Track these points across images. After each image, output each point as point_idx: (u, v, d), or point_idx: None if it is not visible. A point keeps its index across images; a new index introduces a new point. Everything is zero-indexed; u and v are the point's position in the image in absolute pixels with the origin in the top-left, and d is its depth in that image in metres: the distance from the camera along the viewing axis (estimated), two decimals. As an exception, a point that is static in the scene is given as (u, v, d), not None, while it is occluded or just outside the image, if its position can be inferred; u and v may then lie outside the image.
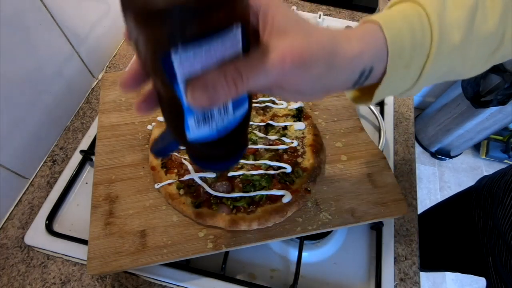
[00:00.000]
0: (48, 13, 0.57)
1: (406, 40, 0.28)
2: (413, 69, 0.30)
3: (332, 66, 0.27)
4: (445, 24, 0.29)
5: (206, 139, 0.27)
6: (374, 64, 0.29)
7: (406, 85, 0.31)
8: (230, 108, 0.26)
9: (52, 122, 0.65)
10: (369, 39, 0.28)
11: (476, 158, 1.95)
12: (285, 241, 0.54)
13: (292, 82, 0.26)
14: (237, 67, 0.23)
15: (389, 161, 0.58)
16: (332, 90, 0.30)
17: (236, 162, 0.35)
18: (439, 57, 0.29)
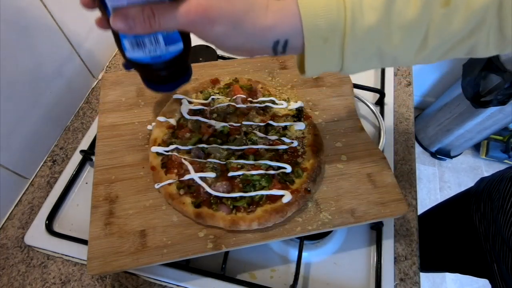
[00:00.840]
0: (48, 13, 0.57)
1: (320, 16, 0.31)
2: (333, 44, 0.32)
3: (238, 28, 0.31)
4: (361, 6, 0.31)
5: (142, 61, 0.36)
6: (289, 37, 0.32)
7: (333, 60, 0.34)
8: (161, 41, 0.34)
9: (52, 122, 0.65)
10: (284, 14, 0.32)
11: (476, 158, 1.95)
12: (285, 241, 0.54)
13: (200, 32, 0.31)
14: (153, 8, 0.30)
15: (389, 161, 0.58)
16: (252, 51, 0.34)
17: (175, 87, 0.43)
18: (356, 35, 0.32)
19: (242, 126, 0.56)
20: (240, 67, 0.67)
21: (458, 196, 0.82)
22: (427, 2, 0.31)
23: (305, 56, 0.34)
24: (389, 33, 0.32)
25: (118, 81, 0.63)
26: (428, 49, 0.34)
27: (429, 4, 0.31)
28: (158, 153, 0.53)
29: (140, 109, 0.60)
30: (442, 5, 0.31)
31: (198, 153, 0.53)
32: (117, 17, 0.30)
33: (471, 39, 0.33)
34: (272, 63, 0.68)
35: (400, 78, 0.80)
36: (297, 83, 0.65)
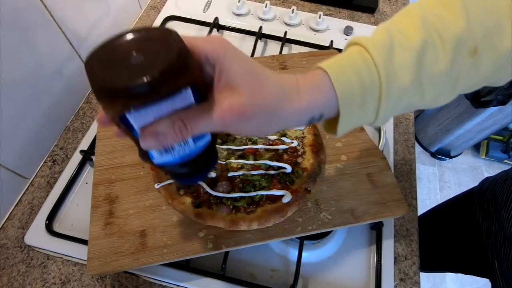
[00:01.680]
0: (48, 13, 0.57)
1: (354, 85, 0.31)
2: (369, 107, 0.32)
3: (274, 118, 0.30)
4: (393, 66, 0.31)
5: (171, 164, 0.33)
6: (323, 111, 0.32)
7: (368, 119, 0.34)
8: (190, 141, 0.31)
9: (52, 122, 0.65)
10: (317, 90, 0.31)
11: (476, 158, 1.95)
12: (285, 241, 0.54)
13: (236, 130, 0.30)
14: (183, 119, 0.28)
15: (389, 161, 0.58)
16: (284, 129, 0.35)
17: (206, 176, 0.41)
18: (391, 97, 0.31)
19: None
20: (240, 67, 0.66)
21: (461, 195, 0.82)
22: (455, 54, 0.31)
23: (339, 122, 0.33)
24: (421, 89, 0.32)
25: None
26: (457, 93, 0.34)
27: (457, 56, 0.31)
28: (158, 153, 0.53)
29: (140, 109, 0.59)
30: (470, 55, 0.31)
31: (198, 153, 0.53)
32: (148, 137, 0.28)
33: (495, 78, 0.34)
34: (272, 63, 0.68)
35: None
36: (297, 83, 0.65)
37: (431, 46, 0.31)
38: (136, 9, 0.84)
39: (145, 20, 0.84)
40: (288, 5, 0.88)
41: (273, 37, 0.79)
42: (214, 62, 0.28)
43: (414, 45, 0.31)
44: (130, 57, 0.24)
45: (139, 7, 0.85)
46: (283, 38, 0.77)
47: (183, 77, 0.25)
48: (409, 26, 0.32)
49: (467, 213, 0.75)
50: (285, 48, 0.78)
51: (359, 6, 0.89)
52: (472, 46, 0.31)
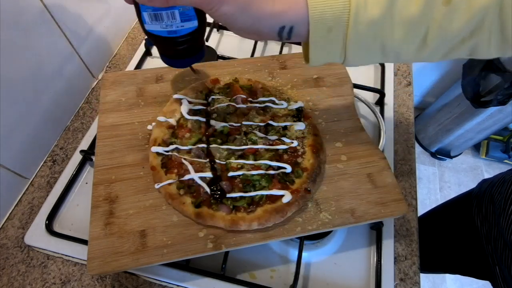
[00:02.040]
0: (48, 13, 0.57)
1: (327, 6, 0.33)
2: (336, 34, 0.34)
3: (245, 11, 0.34)
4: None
5: (159, 34, 0.42)
6: (294, 24, 0.35)
7: (337, 50, 0.36)
8: (177, 17, 0.39)
9: (52, 122, 0.65)
10: (292, 2, 0.34)
11: (476, 158, 1.95)
12: (285, 241, 0.54)
13: (210, 10, 0.34)
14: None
15: (389, 161, 0.58)
16: (259, 34, 0.37)
17: (189, 64, 0.50)
18: (358, 27, 0.34)
19: (242, 126, 0.56)
20: (240, 67, 0.67)
21: (459, 197, 0.82)
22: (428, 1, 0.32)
23: (309, 45, 0.35)
24: (392, 28, 0.33)
25: (118, 81, 0.63)
26: (430, 47, 0.35)
27: (431, 1, 0.32)
28: (158, 153, 0.53)
29: (140, 109, 0.60)
30: (443, 3, 0.32)
31: (198, 153, 0.53)
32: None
33: (472, 39, 0.34)
34: (272, 63, 0.68)
35: (400, 78, 0.80)
36: (297, 83, 0.65)
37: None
38: (136, 9, 0.84)
39: (145, 20, 0.84)
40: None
41: (273, 37, 0.79)
42: None
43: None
44: None
45: (139, 7, 0.85)
46: (283, 38, 0.77)
47: None
48: None
49: (465, 216, 0.75)
50: (285, 48, 0.78)
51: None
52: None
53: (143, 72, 0.65)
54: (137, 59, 0.74)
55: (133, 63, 0.74)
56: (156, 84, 0.63)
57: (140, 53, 0.75)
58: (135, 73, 0.64)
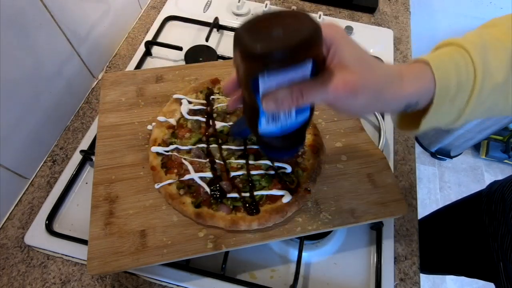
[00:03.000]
0: (48, 13, 0.57)
1: (452, 78, 0.34)
2: (458, 103, 0.35)
3: (379, 98, 0.34)
4: (489, 64, 0.33)
5: (272, 134, 0.38)
6: (420, 99, 0.35)
7: (451, 117, 0.36)
8: (293, 114, 0.36)
9: (52, 122, 0.65)
10: (419, 79, 0.34)
11: (476, 158, 1.94)
12: (285, 241, 0.54)
13: (343, 103, 0.34)
14: (301, 88, 0.32)
15: (389, 161, 0.58)
16: (383, 111, 0.39)
17: (294, 153, 0.49)
18: (481, 94, 0.34)
19: (242, 126, 0.56)
20: (240, 67, 0.66)
21: (468, 198, 0.82)
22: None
23: (427, 115, 0.35)
24: (509, 89, 0.34)
25: (118, 81, 0.63)
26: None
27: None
28: (158, 153, 0.53)
29: (140, 109, 0.59)
30: None
31: (198, 153, 0.53)
32: (269, 100, 0.32)
33: None
34: (272, 63, 0.68)
35: (400, 78, 0.80)
36: (297, 83, 0.65)
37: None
38: (136, 9, 0.84)
39: (145, 20, 0.84)
40: (288, 5, 0.89)
41: (273, 37, 0.79)
42: (330, 43, 0.32)
43: (508, 46, 0.34)
44: (272, 31, 0.29)
45: (139, 7, 0.85)
46: (283, 38, 0.77)
47: (312, 50, 0.30)
48: (498, 32, 0.35)
49: (473, 216, 0.74)
50: (285, 48, 0.78)
51: (359, 6, 0.89)
52: None
53: (143, 72, 0.65)
54: (137, 59, 0.74)
55: (133, 63, 0.74)
56: (156, 84, 0.63)
57: (140, 53, 0.75)
58: (135, 73, 0.64)
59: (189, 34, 0.81)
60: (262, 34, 0.30)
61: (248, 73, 0.32)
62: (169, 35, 0.81)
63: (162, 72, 0.65)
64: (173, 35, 0.81)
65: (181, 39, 0.78)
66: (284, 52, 0.28)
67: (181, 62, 0.75)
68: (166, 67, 0.66)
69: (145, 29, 0.82)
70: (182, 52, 0.74)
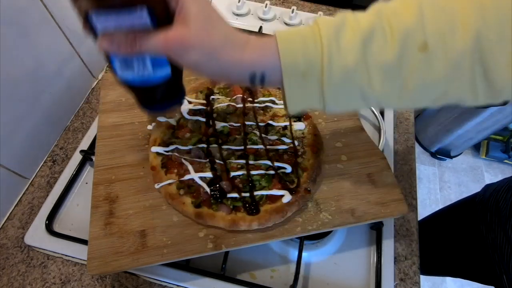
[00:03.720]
0: (48, 13, 0.57)
1: (298, 52, 0.33)
2: (311, 80, 0.33)
3: (213, 59, 0.33)
4: (338, 45, 0.32)
5: (132, 83, 0.39)
6: (265, 71, 0.34)
7: (314, 96, 0.34)
8: (148, 65, 0.36)
9: (52, 122, 0.65)
10: (262, 49, 0.34)
11: (476, 158, 1.95)
12: (285, 241, 0.54)
13: (176, 58, 0.34)
14: (136, 36, 0.32)
15: (389, 161, 0.58)
16: (229, 80, 0.36)
17: (166, 108, 0.46)
18: (333, 74, 0.32)
19: (242, 126, 0.56)
20: (240, 67, 0.66)
21: (463, 201, 0.80)
22: (403, 45, 0.31)
23: (284, 91, 0.35)
24: (368, 75, 0.32)
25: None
26: (411, 95, 0.34)
27: (405, 48, 0.31)
28: (158, 153, 0.53)
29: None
30: (419, 50, 0.31)
31: (198, 153, 0.53)
32: (104, 39, 0.33)
33: (455, 87, 0.32)
34: (272, 63, 0.68)
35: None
36: (297, 83, 0.65)
37: (379, 33, 0.32)
38: (136, 9, 0.84)
39: (145, 20, 0.84)
40: (288, 5, 0.89)
41: (273, 37, 0.79)
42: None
43: (362, 28, 0.32)
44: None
45: (139, 7, 0.85)
46: (283, 38, 0.77)
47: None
48: (363, 15, 0.34)
49: (470, 221, 0.73)
50: (285, 48, 0.78)
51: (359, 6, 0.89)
52: (421, 40, 0.31)
53: (143, 72, 0.65)
54: (137, 59, 0.74)
55: (133, 63, 0.74)
56: (156, 84, 0.63)
57: (140, 53, 0.75)
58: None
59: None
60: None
61: (79, 8, 0.32)
62: (169, 35, 0.81)
63: (162, 72, 0.64)
64: (173, 35, 0.81)
65: (181, 39, 0.78)
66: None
67: (181, 62, 0.75)
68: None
69: (145, 29, 0.82)
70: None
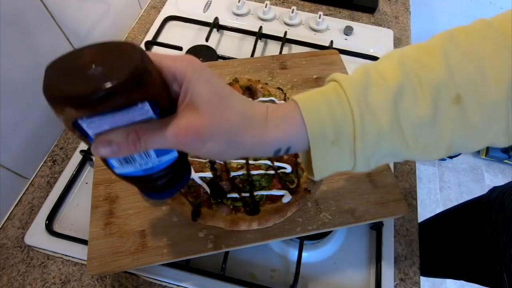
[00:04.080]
0: (48, 13, 0.57)
1: (326, 119, 0.30)
2: (344, 146, 0.31)
3: (233, 144, 0.29)
4: (368, 106, 0.30)
5: (134, 175, 0.32)
6: (291, 143, 0.31)
7: (346, 161, 0.32)
8: (152, 155, 0.30)
9: (52, 122, 0.65)
10: (286, 122, 0.31)
11: (476, 158, 1.95)
12: (285, 241, 0.54)
13: (190, 150, 0.29)
14: (138, 132, 0.26)
15: (389, 161, 0.58)
16: (249, 156, 0.33)
17: (173, 193, 0.38)
18: (367, 137, 0.30)
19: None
20: (240, 67, 0.67)
21: (467, 203, 0.80)
22: (436, 100, 0.30)
23: (312, 159, 0.32)
24: (402, 134, 0.30)
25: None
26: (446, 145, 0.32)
27: (439, 102, 0.30)
28: (158, 153, 0.53)
29: (140, 109, 0.59)
30: (453, 102, 0.30)
31: (198, 153, 0.53)
32: (100, 144, 0.26)
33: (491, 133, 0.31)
34: (272, 63, 0.68)
35: (400, 78, 0.80)
36: (297, 83, 0.65)
37: (409, 90, 0.30)
38: (136, 9, 0.84)
39: (145, 20, 0.84)
40: (288, 5, 0.89)
41: (273, 37, 0.79)
42: (182, 79, 0.28)
43: (390, 85, 0.30)
44: (88, 69, 0.25)
45: (139, 7, 0.85)
46: (283, 38, 0.77)
47: (137, 92, 0.25)
48: (387, 68, 0.31)
49: (474, 223, 0.73)
50: (285, 48, 0.78)
51: (359, 6, 0.89)
52: (454, 93, 0.29)
53: (143, 72, 0.65)
54: (137, 59, 0.74)
55: (133, 63, 0.74)
56: (156, 84, 0.63)
57: (140, 53, 0.75)
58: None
59: (189, 34, 0.81)
60: (74, 73, 0.25)
61: (64, 118, 0.26)
62: (169, 35, 0.81)
63: (162, 72, 0.64)
64: (173, 35, 0.81)
65: (181, 39, 0.78)
66: (95, 96, 0.23)
67: (181, 62, 0.75)
68: (166, 67, 0.66)
69: (145, 29, 0.82)
70: (182, 52, 0.74)
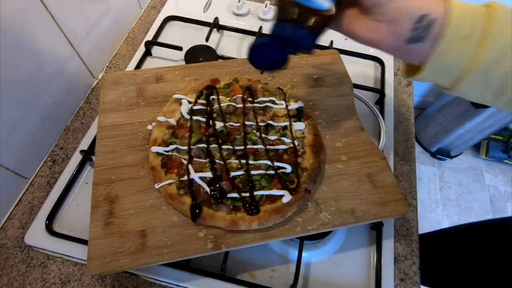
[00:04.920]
0: (48, 13, 0.57)
1: (466, 17, 0.33)
2: (467, 48, 0.33)
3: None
4: (506, 23, 0.33)
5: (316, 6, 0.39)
6: (434, 17, 0.34)
7: (459, 63, 0.34)
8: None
9: (52, 122, 0.65)
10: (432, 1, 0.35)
11: (476, 158, 1.95)
12: (285, 241, 0.54)
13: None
14: None
15: (389, 161, 0.58)
16: (395, 15, 0.35)
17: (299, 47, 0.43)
18: (499, 42, 0.33)
19: (242, 126, 0.56)
20: (240, 67, 0.67)
21: (494, 221, 0.79)
22: None
23: (437, 49, 0.34)
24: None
25: (118, 81, 0.63)
26: None
27: None
28: (158, 153, 0.53)
29: (140, 109, 0.59)
30: None
31: (198, 153, 0.53)
32: None
33: None
34: (272, 63, 0.68)
35: (400, 78, 0.80)
36: (297, 83, 0.65)
37: None
38: (136, 9, 0.84)
39: (145, 20, 0.84)
40: (288, 5, 0.88)
41: (273, 37, 0.79)
42: None
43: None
44: None
45: (139, 7, 0.85)
46: (283, 38, 0.77)
47: None
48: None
49: (499, 242, 0.71)
50: (285, 48, 0.78)
51: (359, 6, 0.89)
52: None
53: (143, 72, 0.65)
54: (137, 59, 0.74)
55: (133, 63, 0.74)
56: (156, 84, 0.63)
57: (140, 53, 0.75)
58: (135, 73, 0.64)
59: (189, 34, 0.81)
60: None
61: None
62: (169, 35, 0.81)
63: (162, 72, 0.65)
64: (173, 35, 0.81)
65: (181, 39, 0.78)
66: None
67: (181, 62, 0.75)
68: (166, 67, 0.66)
69: (145, 29, 0.82)
70: (182, 52, 0.74)
